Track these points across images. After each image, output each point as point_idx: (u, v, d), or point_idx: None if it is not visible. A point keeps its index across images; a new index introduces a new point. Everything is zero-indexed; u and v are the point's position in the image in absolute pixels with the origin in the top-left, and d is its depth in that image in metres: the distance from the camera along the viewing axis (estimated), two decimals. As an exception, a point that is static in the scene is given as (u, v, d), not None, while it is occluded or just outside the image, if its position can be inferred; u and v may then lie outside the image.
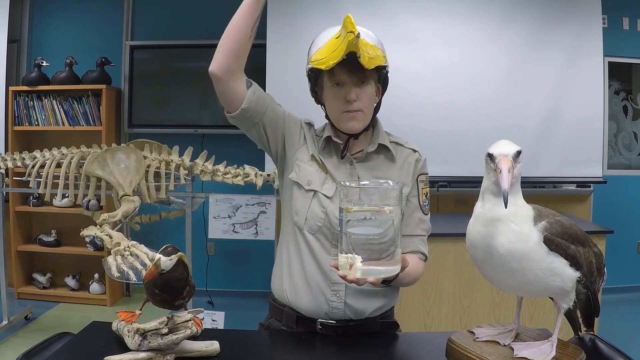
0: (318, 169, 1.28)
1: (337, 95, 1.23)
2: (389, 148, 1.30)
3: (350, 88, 1.21)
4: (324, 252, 1.26)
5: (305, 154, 1.30)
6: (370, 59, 1.16)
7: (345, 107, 1.22)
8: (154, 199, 2.78)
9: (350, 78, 1.20)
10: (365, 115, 1.24)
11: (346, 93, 1.21)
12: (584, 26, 3.53)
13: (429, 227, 1.33)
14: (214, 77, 1.20)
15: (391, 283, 1.21)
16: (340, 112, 1.24)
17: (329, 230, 1.25)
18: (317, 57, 1.20)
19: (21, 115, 3.87)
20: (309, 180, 1.27)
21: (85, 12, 4.11)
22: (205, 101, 4.03)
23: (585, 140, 3.55)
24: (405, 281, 1.24)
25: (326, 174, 1.28)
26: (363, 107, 1.23)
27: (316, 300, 1.26)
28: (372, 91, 1.24)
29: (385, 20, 3.48)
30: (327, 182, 1.27)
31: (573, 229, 1.02)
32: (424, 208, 1.31)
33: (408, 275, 1.20)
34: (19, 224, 3.93)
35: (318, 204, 1.25)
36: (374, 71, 1.22)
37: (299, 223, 1.28)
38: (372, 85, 1.24)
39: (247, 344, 1.22)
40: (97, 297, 3.85)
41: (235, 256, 4.02)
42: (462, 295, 2.67)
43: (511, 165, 0.93)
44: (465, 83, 3.52)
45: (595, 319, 1.12)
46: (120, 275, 2.18)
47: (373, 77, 1.23)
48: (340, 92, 1.22)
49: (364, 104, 1.23)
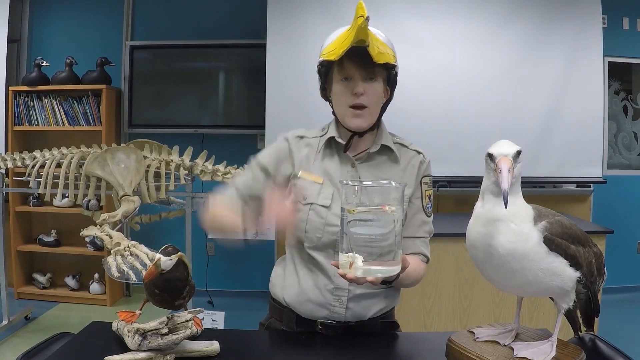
0: (312, 181, 1.27)
1: (345, 89, 1.22)
2: (392, 149, 1.29)
3: (358, 82, 1.21)
4: (326, 260, 1.25)
5: (297, 170, 1.30)
6: (380, 54, 1.16)
7: (352, 101, 1.22)
8: (154, 199, 2.78)
9: (358, 72, 1.20)
10: (371, 112, 1.24)
11: (354, 86, 1.21)
12: (584, 26, 3.53)
13: (431, 229, 1.32)
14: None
15: (392, 284, 1.21)
16: (346, 106, 1.23)
17: (329, 239, 1.24)
18: (328, 49, 1.21)
19: (21, 115, 3.88)
20: (304, 195, 1.27)
21: (85, 12, 4.11)
22: (205, 101, 4.04)
23: (585, 140, 3.55)
24: (405, 282, 1.24)
25: (321, 183, 1.27)
26: (369, 103, 1.22)
27: (317, 305, 1.26)
28: (379, 89, 1.24)
29: (385, 20, 3.47)
30: (323, 190, 1.26)
31: (573, 229, 1.02)
32: (427, 210, 1.30)
33: (409, 276, 1.20)
34: (19, 224, 3.93)
35: (316, 215, 1.25)
36: (383, 69, 1.22)
37: (300, 237, 1.28)
38: (381, 83, 1.23)
39: (247, 344, 1.22)
40: (97, 297, 3.85)
41: (235, 256, 4.02)
42: (462, 295, 2.67)
43: (511, 165, 0.93)
44: (465, 83, 3.52)
45: (595, 319, 1.11)
46: (120, 275, 2.19)
47: (382, 75, 1.23)
48: (348, 86, 1.22)
49: (371, 100, 1.22)
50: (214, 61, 4.00)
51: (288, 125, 1.45)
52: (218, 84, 4.00)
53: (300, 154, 1.30)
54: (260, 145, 3.91)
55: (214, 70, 3.99)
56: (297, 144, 1.31)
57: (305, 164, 1.29)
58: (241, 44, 3.85)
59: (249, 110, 3.91)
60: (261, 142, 3.88)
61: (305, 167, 1.29)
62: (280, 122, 3.42)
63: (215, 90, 4.01)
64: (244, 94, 3.98)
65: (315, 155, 1.30)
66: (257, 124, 3.70)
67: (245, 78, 3.99)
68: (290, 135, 1.33)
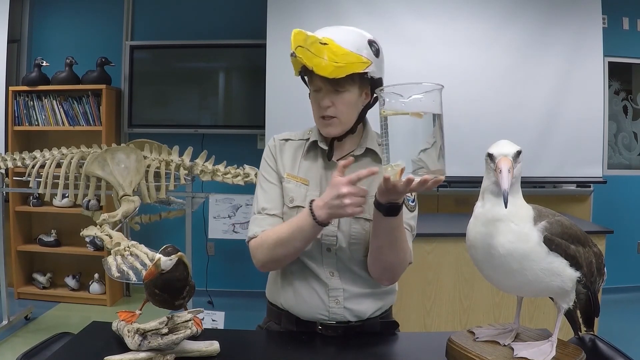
0: (297, 183, 1.28)
1: (314, 100, 1.24)
2: (377, 152, 1.28)
3: (324, 95, 1.21)
4: (317, 264, 1.26)
5: (282, 172, 1.30)
6: (337, 69, 1.14)
7: (320, 113, 1.23)
8: (154, 199, 2.78)
9: (325, 85, 1.20)
10: (341, 121, 1.23)
11: (320, 99, 1.22)
12: (584, 26, 3.53)
13: (412, 224, 1.27)
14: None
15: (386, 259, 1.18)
16: (317, 117, 1.25)
17: (318, 242, 1.24)
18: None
19: (21, 115, 3.88)
20: (291, 197, 1.27)
21: (85, 12, 4.11)
22: (205, 101, 4.04)
23: (585, 140, 3.55)
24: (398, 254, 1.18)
25: (307, 185, 1.27)
26: (338, 114, 1.22)
27: (315, 307, 1.26)
28: (350, 98, 1.21)
29: (385, 20, 3.48)
30: (310, 192, 1.26)
31: (573, 229, 1.02)
32: (409, 204, 1.26)
33: (401, 248, 1.18)
34: (19, 224, 3.93)
35: None
36: (356, 77, 1.19)
37: None
38: (352, 91, 1.21)
39: (247, 344, 1.22)
40: (97, 297, 3.85)
41: (235, 256, 4.02)
42: (462, 295, 2.66)
43: (511, 165, 0.93)
44: (466, 83, 3.52)
45: (595, 319, 1.11)
46: (120, 275, 2.19)
47: (354, 83, 1.20)
48: (317, 97, 1.23)
49: (340, 110, 1.21)
50: (214, 61, 4.00)
51: (288, 125, 1.45)
52: (218, 84, 4.00)
53: (286, 156, 1.31)
54: (260, 145, 3.91)
55: (213, 70, 3.99)
56: (282, 147, 1.33)
57: (291, 166, 1.30)
58: (241, 44, 3.86)
59: (249, 110, 3.91)
60: (261, 142, 3.88)
61: (291, 169, 1.29)
62: (280, 122, 3.41)
63: (215, 90, 4.01)
64: (244, 94, 3.98)
65: (302, 157, 1.31)
66: (257, 124, 3.71)
67: (245, 78, 3.99)
68: (276, 139, 1.34)
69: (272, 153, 1.33)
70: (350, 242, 1.24)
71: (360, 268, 1.26)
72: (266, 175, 1.32)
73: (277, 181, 1.30)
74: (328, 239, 1.24)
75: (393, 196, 1.05)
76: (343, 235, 1.24)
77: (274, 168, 1.32)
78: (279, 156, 1.31)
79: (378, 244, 1.17)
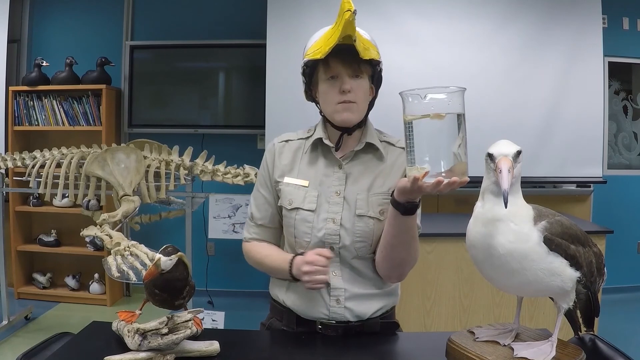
0: (296, 185, 1.27)
1: (332, 87, 1.22)
2: (377, 147, 1.28)
3: (345, 79, 1.21)
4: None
5: (281, 175, 1.30)
6: (366, 49, 1.17)
7: (340, 98, 1.21)
8: (154, 199, 2.78)
9: (345, 69, 1.20)
10: (359, 108, 1.23)
11: (341, 84, 1.21)
12: (584, 26, 3.53)
13: (418, 222, 1.27)
14: None
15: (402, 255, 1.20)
16: (335, 103, 1.22)
17: (319, 243, 1.24)
18: (312, 49, 1.21)
19: (21, 115, 3.88)
20: (289, 199, 1.27)
21: (85, 12, 4.11)
22: (205, 101, 4.04)
23: (585, 140, 3.55)
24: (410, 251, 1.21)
25: (306, 187, 1.27)
26: (357, 100, 1.22)
27: (316, 306, 1.26)
28: (366, 86, 1.24)
29: (385, 20, 3.48)
30: (309, 194, 1.26)
31: (573, 229, 1.02)
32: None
33: (414, 245, 1.21)
34: (19, 224, 3.93)
35: (302, 220, 1.25)
36: (369, 66, 1.22)
37: (290, 243, 1.29)
38: (367, 80, 1.24)
39: (247, 343, 1.22)
40: (97, 297, 3.85)
41: (235, 256, 3.99)
42: (462, 295, 2.66)
43: (511, 165, 0.93)
44: (465, 83, 3.46)
45: (595, 319, 1.11)
46: (120, 275, 2.19)
47: (367, 72, 1.23)
48: (335, 84, 1.22)
49: (359, 96, 1.22)
50: (214, 61, 4.00)
51: (288, 125, 1.45)
52: (218, 84, 4.00)
53: (285, 158, 1.31)
54: (260, 145, 3.91)
55: (214, 70, 3.99)
56: (281, 150, 1.32)
57: (290, 168, 1.29)
58: (241, 44, 3.86)
59: (248, 110, 3.91)
60: (261, 142, 3.88)
61: (290, 171, 1.29)
62: (280, 122, 3.41)
63: (215, 90, 4.01)
64: (244, 94, 3.98)
65: (302, 157, 1.30)
66: (257, 124, 3.70)
67: (245, 78, 3.99)
68: (276, 141, 1.34)
69: (267, 161, 1.33)
70: (354, 240, 1.24)
71: (364, 267, 1.27)
72: (259, 183, 1.35)
73: (268, 191, 1.32)
74: (331, 237, 1.24)
75: (414, 195, 1.07)
76: (346, 233, 1.24)
77: (268, 176, 1.32)
78: (277, 161, 1.31)
79: (392, 242, 1.19)
